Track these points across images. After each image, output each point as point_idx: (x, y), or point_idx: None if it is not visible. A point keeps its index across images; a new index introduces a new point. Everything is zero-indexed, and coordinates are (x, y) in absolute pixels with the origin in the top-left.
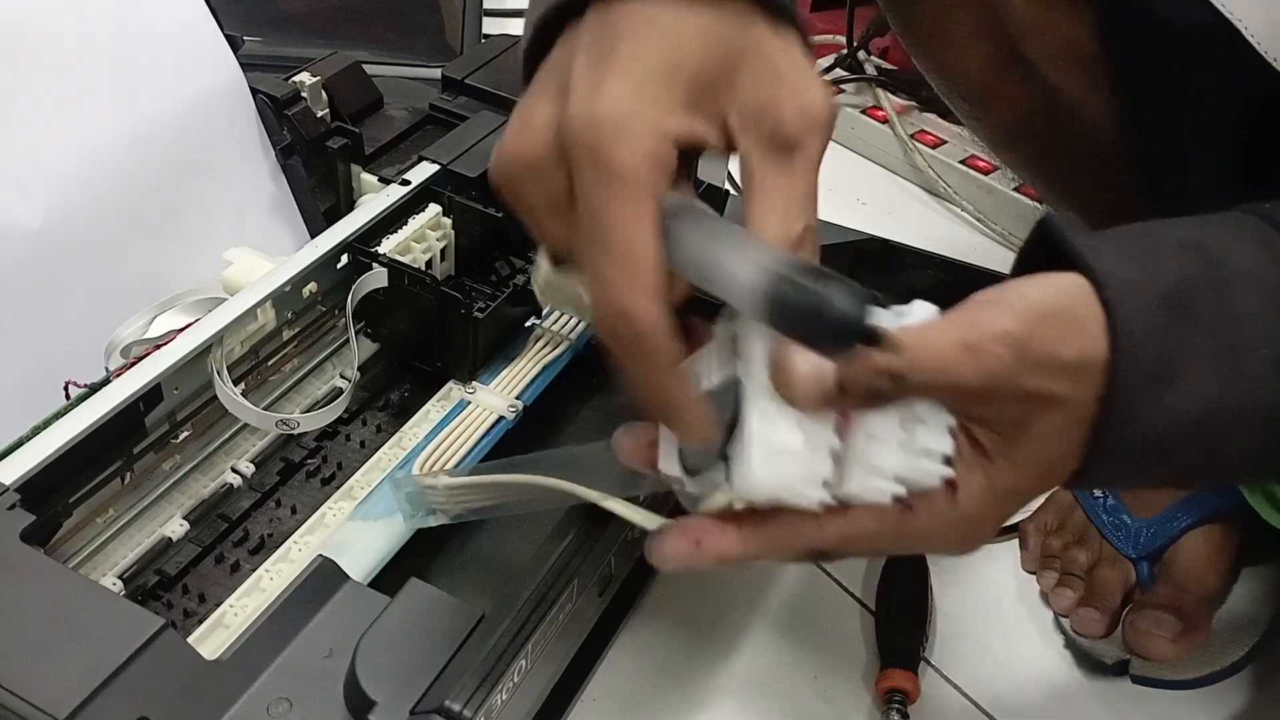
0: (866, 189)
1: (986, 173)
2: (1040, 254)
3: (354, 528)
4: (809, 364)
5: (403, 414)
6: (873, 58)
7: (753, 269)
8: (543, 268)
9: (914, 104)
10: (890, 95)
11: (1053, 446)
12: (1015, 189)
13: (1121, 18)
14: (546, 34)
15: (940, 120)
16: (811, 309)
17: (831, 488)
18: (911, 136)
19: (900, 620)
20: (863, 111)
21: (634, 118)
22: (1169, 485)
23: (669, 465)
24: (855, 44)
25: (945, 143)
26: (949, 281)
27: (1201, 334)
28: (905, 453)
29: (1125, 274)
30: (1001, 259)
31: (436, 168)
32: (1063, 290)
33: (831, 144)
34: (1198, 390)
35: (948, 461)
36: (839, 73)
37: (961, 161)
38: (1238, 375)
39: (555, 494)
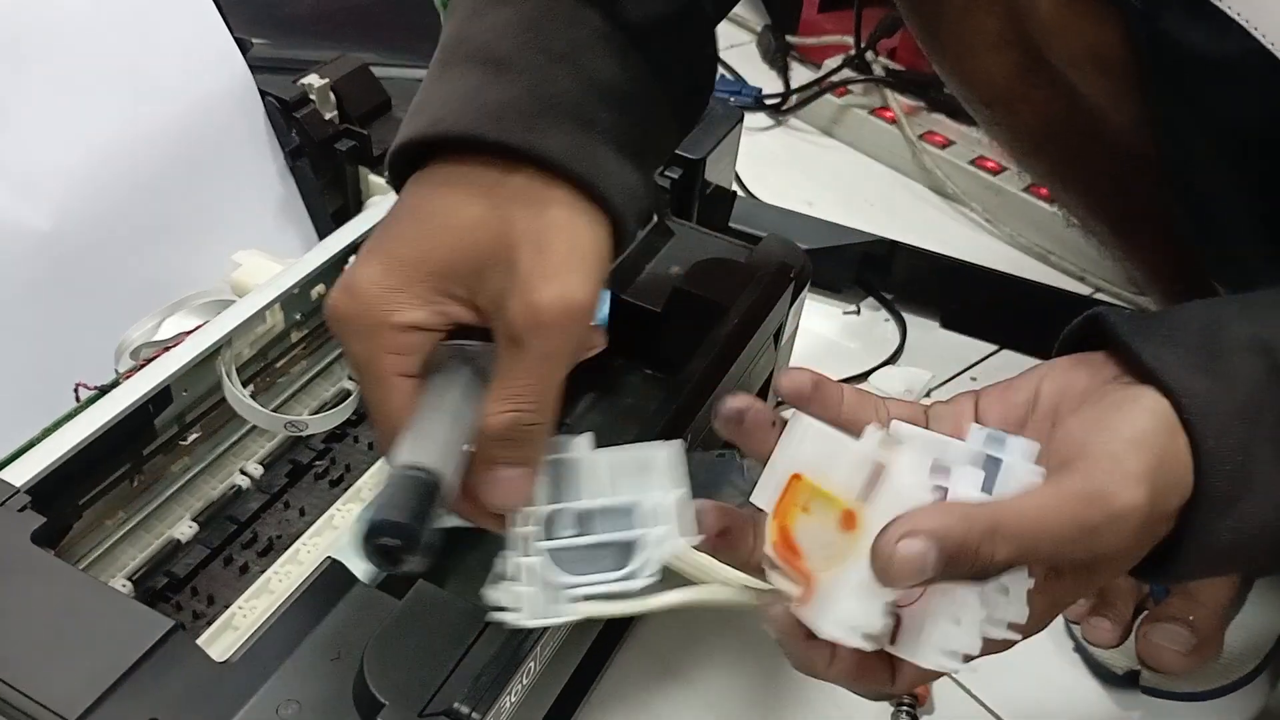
0: (874, 190)
1: (995, 173)
2: (1087, 338)
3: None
4: (911, 553)
5: None
6: (881, 58)
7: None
8: None
9: (922, 104)
10: (898, 96)
11: (1126, 567)
12: (1024, 190)
13: (1152, 43)
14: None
15: (948, 120)
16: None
17: (896, 645)
18: (920, 137)
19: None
20: (871, 112)
21: (367, 314)
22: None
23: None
24: (863, 44)
25: (953, 143)
26: (957, 282)
27: (1271, 439)
28: (986, 625)
29: (1201, 387)
30: (1010, 260)
31: None
32: (1164, 424)
33: (839, 144)
34: (1270, 498)
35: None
36: (847, 73)
37: (970, 162)
38: None
39: None
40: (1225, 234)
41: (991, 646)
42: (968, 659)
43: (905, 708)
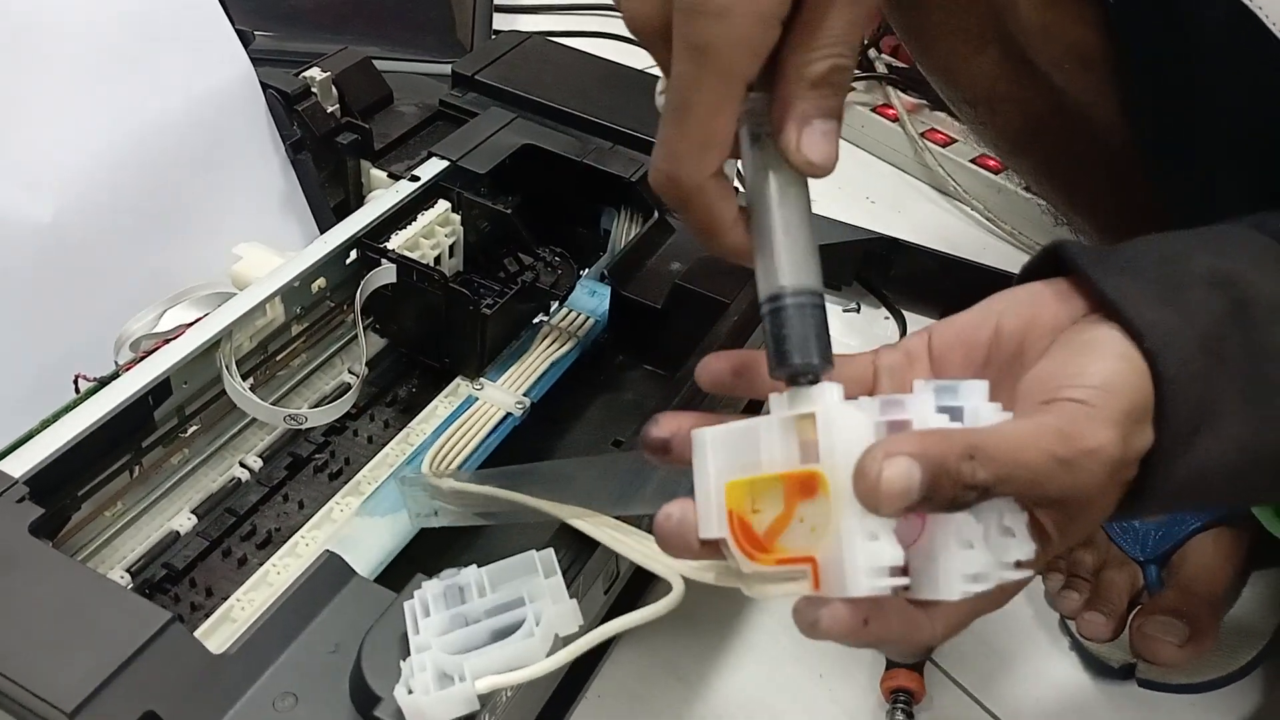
0: (876, 187)
1: (997, 172)
2: (1046, 272)
3: (361, 523)
4: (897, 471)
5: (410, 410)
6: (884, 55)
7: (767, 282)
8: (661, 91)
9: (924, 102)
10: (901, 93)
11: (1104, 513)
12: (1025, 188)
13: (1137, 11)
14: None
15: (951, 119)
16: (777, 339)
17: (915, 590)
18: (922, 135)
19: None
20: (873, 110)
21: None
22: (1199, 513)
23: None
24: (866, 42)
25: (955, 141)
26: (958, 281)
27: (1233, 374)
28: (994, 562)
29: (1161, 319)
30: (1011, 258)
31: (446, 164)
32: (1132, 368)
33: (841, 143)
34: (1232, 433)
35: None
36: None
37: (972, 160)
38: (1271, 413)
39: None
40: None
41: (1011, 589)
42: (982, 580)
43: (901, 705)
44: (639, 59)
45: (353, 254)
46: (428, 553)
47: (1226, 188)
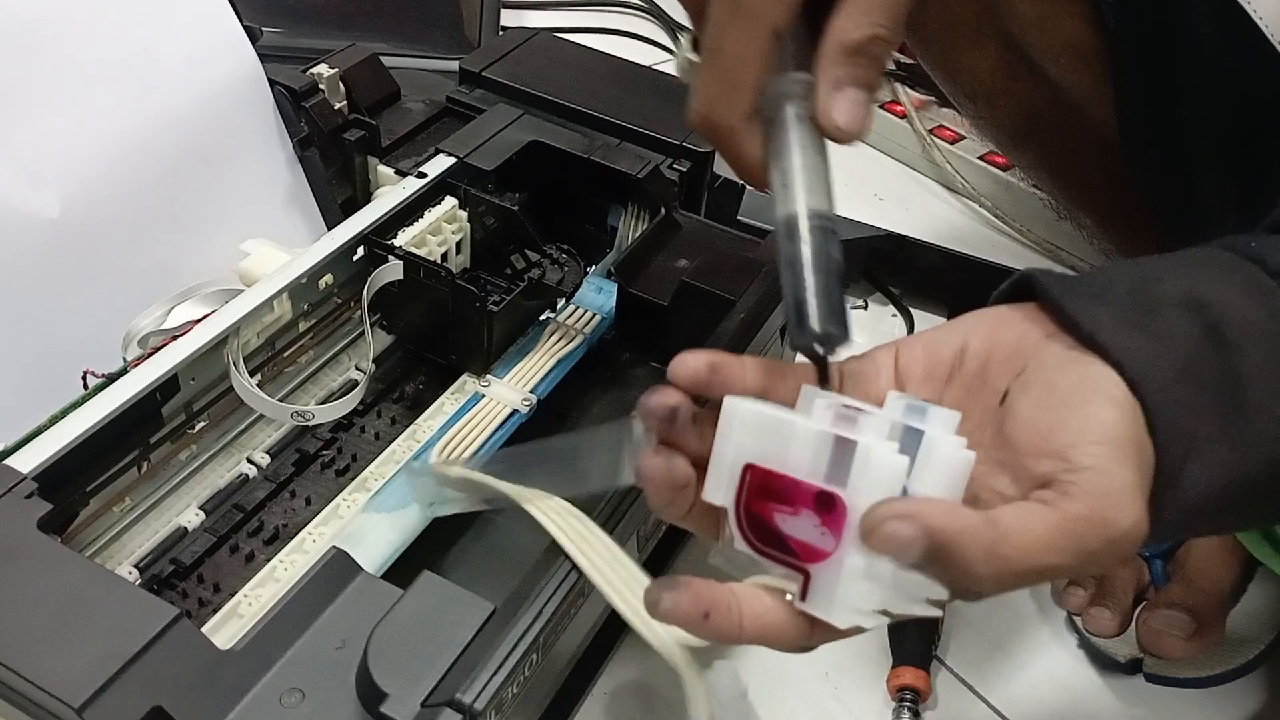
0: (883, 184)
1: (1005, 168)
2: (1017, 298)
3: (368, 519)
4: (900, 532)
5: (417, 406)
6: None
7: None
8: (685, 50)
9: (932, 99)
10: (908, 90)
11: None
12: (1034, 185)
13: (1130, 4)
14: None
15: (959, 115)
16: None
17: (805, 602)
18: (929, 131)
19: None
20: (880, 106)
21: None
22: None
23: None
24: None
25: (963, 138)
26: (966, 277)
27: (1212, 400)
28: (900, 600)
29: (1137, 346)
30: (1019, 255)
31: (453, 160)
32: (1125, 411)
33: None
34: (1216, 459)
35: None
36: None
37: (979, 157)
38: (1251, 438)
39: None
40: (1208, 225)
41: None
42: (886, 615)
43: (907, 703)
44: (647, 55)
45: (360, 251)
46: (434, 549)
47: (1207, 183)
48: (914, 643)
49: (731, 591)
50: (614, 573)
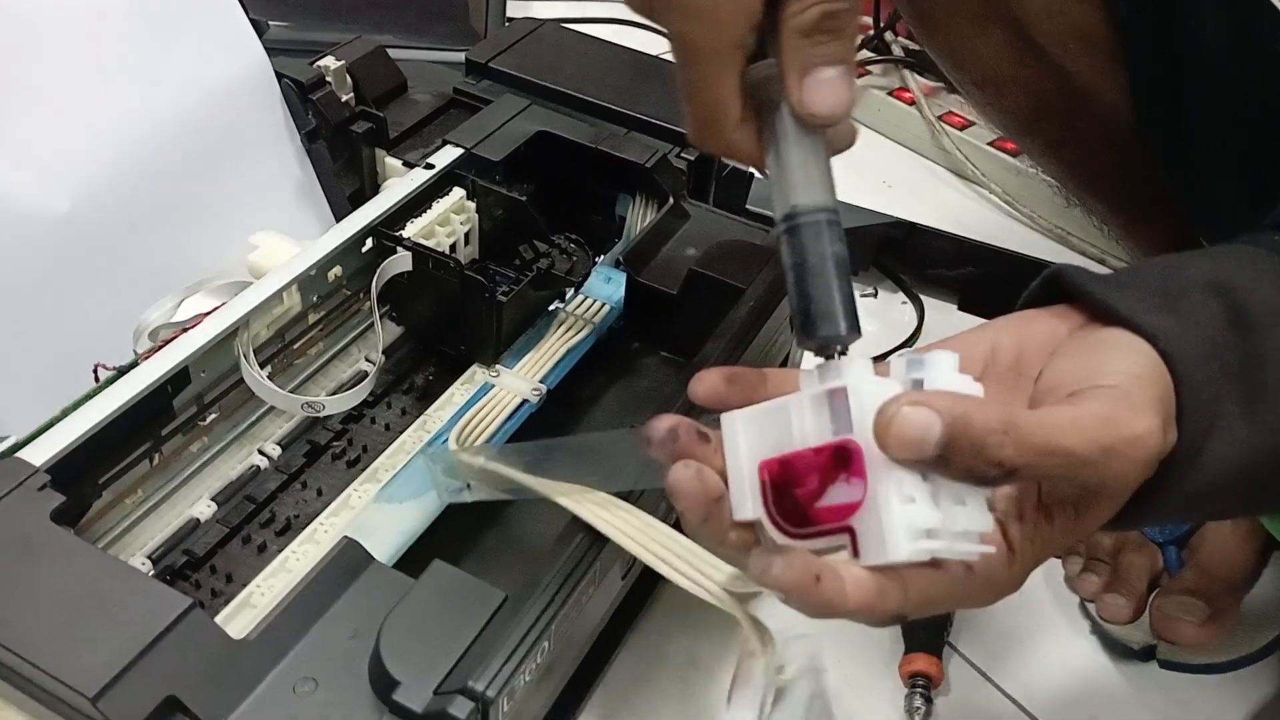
0: (893, 171)
1: (1015, 155)
2: (1045, 300)
3: (379, 510)
4: (915, 419)
5: (427, 397)
6: (900, 39)
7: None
8: None
9: (941, 85)
10: (917, 77)
11: (1112, 509)
12: (1043, 171)
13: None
14: None
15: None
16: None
17: (864, 556)
18: (939, 118)
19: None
20: (890, 93)
21: (719, 7)
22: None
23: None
24: (882, 25)
25: (973, 124)
26: (976, 264)
27: (1235, 381)
28: (944, 524)
29: (1167, 325)
30: (1029, 241)
31: (460, 151)
32: (1154, 364)
33: (858, 125)
34: (1238, 436)
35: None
36: (865, 54)
37: (989, 143)
38: (1272, 419)
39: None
40: (1219, 209)
41: (966, 557)
42: (935, 541)
43: (919, 689)
44: (654, 45)
45: (368, 242)
46: (445, 539)
47: (1214, 165)
48: (926, 629)
49: (831, 562)
50: (652, 540)
